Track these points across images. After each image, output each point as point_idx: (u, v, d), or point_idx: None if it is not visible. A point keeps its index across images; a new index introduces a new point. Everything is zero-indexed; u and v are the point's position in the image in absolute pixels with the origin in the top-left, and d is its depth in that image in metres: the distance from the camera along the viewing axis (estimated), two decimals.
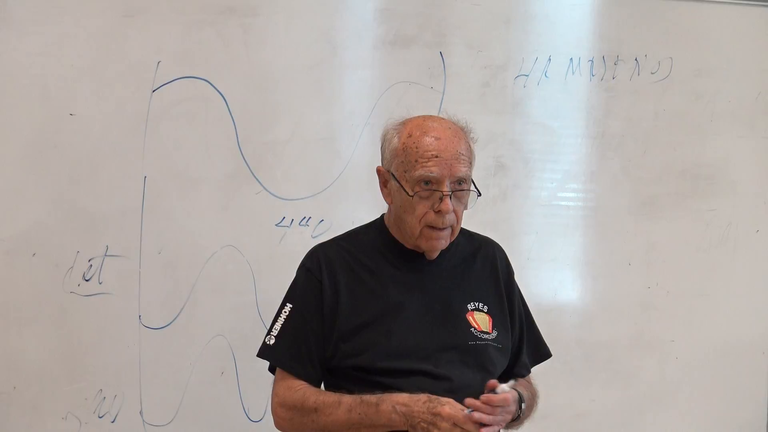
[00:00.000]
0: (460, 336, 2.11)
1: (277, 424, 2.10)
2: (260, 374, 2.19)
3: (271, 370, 2.15)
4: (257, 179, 2.62)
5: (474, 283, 2.17)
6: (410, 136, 2.05)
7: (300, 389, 2.06)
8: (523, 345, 2.26)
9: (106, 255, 2.47)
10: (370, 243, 2.16)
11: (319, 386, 2.12)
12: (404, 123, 2.10)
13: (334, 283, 2.10)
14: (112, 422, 2.52)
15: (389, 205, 2.13)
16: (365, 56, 2.74)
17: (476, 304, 2.15)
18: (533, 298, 2.99)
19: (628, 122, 3.06)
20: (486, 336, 2.13)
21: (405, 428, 1.95)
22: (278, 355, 2.11)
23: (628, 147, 3.07)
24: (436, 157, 2.01)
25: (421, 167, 2.01)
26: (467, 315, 2.13)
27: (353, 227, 2.28)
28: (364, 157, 2.72)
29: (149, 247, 2.52)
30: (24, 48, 2.36)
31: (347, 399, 2.00)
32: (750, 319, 3.29)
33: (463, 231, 2.18)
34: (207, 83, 2.54)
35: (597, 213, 3.07)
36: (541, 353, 2.33)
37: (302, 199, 2.68)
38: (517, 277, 2.30)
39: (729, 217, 3.22)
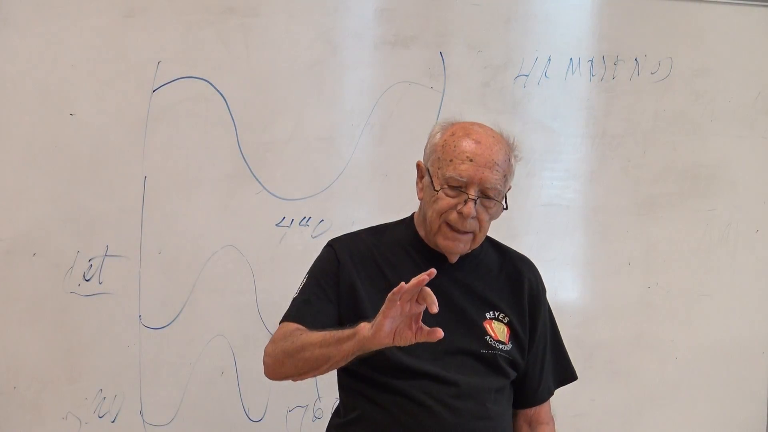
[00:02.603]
0: (474, 342, 2.09)
1: (264, 363, 2.05)
2: (260, 374, 2.18)
3: None
4: (257, 179, 2.62)
5: (496, 294, 2.15)
6: (453, 135, 2.07)
7: (293, 327, 2.03)
8: (545, 366, 2.23)
9: (106, 255, 2.47)
10: (395, 239, 2.16)
11: None
12: (452, 123, 2.12)
13: (353, 268, 2.09)
14: (112, 422, 2.52)
15: (420, 200, 2.13)
16: (365, 56, 2.73)
17: (495, 314, 2.13)
18: None
19: (628, 122, 3.06)
20: (501, 346, 2.11)
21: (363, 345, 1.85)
22: (289, 313, 2.09)
23: (628, 147, 3.07)
24: (470, 160, 2.02)
25: (453, 167, 2.02)
26: (485, 323, 2.11)
27: (353, 227, 2.27)
28: (364, 157, 2.73)
29: (149, 247, 2.51)
30: (24, 48, 2.36)
31: (328, 333, 1.93)
32: (750, 319, 3.29)
33: (495, 244, 2.20)
34: (207, 83, 2.53)
35: (597, 213, 3.07)
36: (567, 375, 2.30)
37: (302, 199, 2.68)
38: None
39: (729, 217, 3.22)
